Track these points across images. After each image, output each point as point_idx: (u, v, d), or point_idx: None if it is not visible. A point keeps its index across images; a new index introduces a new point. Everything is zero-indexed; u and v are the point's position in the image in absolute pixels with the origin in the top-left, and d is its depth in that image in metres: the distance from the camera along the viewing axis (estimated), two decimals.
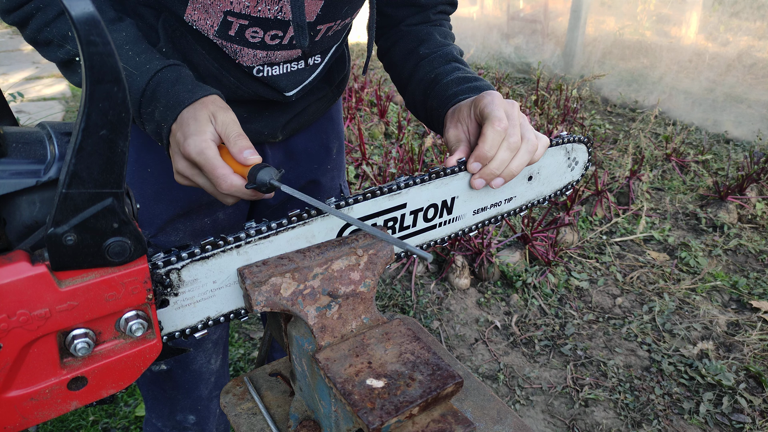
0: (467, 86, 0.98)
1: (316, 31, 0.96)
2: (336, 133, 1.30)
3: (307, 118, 1.18)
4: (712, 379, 2.21)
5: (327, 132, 1.26)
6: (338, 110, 1.31)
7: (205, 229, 1.16)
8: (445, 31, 1.15)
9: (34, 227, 0.51)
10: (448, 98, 0.98)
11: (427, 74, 1.06)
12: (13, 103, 4.64)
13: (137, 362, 0.59)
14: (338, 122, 1.31)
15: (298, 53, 0.99)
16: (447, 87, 1.00)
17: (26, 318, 0.49)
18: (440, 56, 1.07)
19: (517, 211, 1.00)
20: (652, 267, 2.92)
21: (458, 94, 0.97)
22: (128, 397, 2.15)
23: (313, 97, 1.15)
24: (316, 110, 1.19)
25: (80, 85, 0.86)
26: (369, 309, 0.75)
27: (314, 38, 0.97)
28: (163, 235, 1.10)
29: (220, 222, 1.17)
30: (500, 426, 0.85)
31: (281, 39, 0.93)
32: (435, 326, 2.52)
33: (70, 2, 0.40)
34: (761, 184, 3.46)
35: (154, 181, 1.06)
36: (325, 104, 1.21)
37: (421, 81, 1.07)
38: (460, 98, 0.96)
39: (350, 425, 0.66)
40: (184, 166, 0.79)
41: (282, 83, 1.01)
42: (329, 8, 0.93)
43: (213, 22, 0.88)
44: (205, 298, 0.69)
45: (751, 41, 4.31)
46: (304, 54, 1.01)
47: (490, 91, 0.91)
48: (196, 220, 1.13)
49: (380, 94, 4.57)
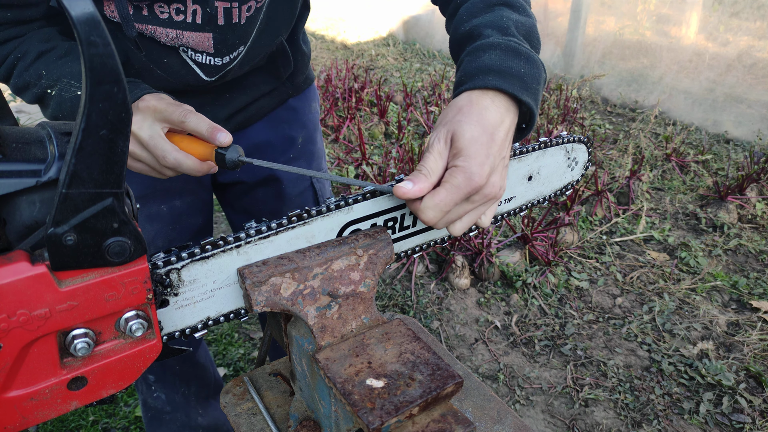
0: (481, 65, 0.76)
1: (214, 8, 0.93)
2: (301, 122, 1.30)
3: (255, 113, 1.20)
4: (712, 379, 2.21)
5: (289, 122, 1.27)
6: (304, 102, 1.31)
7: (162, 215, 1.19)
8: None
9: (34, 227, 0.51)
10: (454, 90, 0.81)
11: (462, 26, 0.85)
12: (13, 103, 4.63)
13: (137, 362, 0.59)
14: (305, 113, 1.31)
15: (209, 38, 0.97)
16: (463, 60, 0.81)
17: (26, 318, 0.49)
18: (481, 2, 0.86)
19: (517, 211, 1.00)
20: (652, 267, 2.92)
21: (464, 80, 0.77)
22: (128, 397, 2.15)
23: (257, 92, 1.16)
24: (265, 105, 1.21)
25: (53, 119, 0.90)
26: (369, 309, 0.75)
27: (214, 16, 0.94)
28: None
29: (176, 209, 1.20)
30: (500, 426, 0.85)
31: (184, 15, 0.93)
32: (435, 326, 2.52)
33: (71, 3, 0.40)
34: (761, 184, 3.46)
35: None
36: (276, 99, 1.23)
37: (455, 35, 0.87)
38: (461, 89, 0.77)
39: (350, 425, 0.66)
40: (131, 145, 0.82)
41: (203, 68, 1.02)
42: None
43: (126, 8, 0.91)
44: (205, 298, 0.69)
45: (751, 41, 4.31)
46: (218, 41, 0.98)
47: (470, 101, 0.73)
48: (152, 205, 1.17)
49: (380, 94, 4.57)
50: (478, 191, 0.70)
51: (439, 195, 0.69)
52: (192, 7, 0.93)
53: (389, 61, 6.56)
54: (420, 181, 0.69)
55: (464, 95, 0.75)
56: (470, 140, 0.70)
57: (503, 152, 0.73)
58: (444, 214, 0.70)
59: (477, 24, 0.82)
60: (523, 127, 0.81)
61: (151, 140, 0.82)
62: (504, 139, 0.73)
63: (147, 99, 0.83)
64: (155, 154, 0.83)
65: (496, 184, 0.72)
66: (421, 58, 6.78)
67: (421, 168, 0.71)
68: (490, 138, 0.71)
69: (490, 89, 0.74)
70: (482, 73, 0.75)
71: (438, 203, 0.69)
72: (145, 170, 0.88)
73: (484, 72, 0.75)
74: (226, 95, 1.11)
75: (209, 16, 0.94)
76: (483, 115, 0.72)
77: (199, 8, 0.93)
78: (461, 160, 0.69)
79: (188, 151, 0.84)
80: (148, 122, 0.82)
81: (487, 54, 0.77)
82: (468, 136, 0.70)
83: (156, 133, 0.83)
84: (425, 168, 0.70)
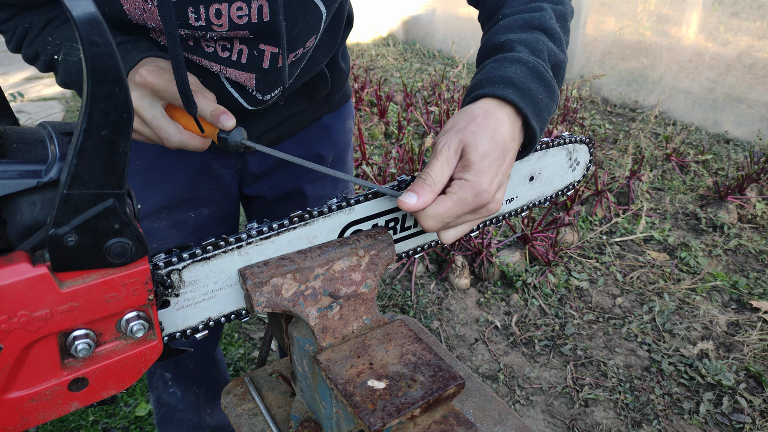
0: (504, 75, 0.74)
1: (260, 51, 0.92)
2: (332, 142, 1.27)
3: (287, 130, 1.18)
4: (712, 379, 2.21)
5: (320, 140, 1.24)
6: (339, 119, 1.27)
7: (188, 222, 1.18)
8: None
9: (35, 228, 0.50)
10: (469, 92, 0.78)
11: (496, 37, 0.83)
12: (14, 103, 4.63)
13: (138, 363, 0.59)
14: (338, 131, 1.28)
15: (252, 78, 0.96)
16: (487, 65, 0.79)
17: (27, 319, 0.49)
18: (522, 21, 0.83)
19: (518, 212, 1.00)
20: (652, 267, 2.92)
21: (483, 84, 0.75)
22: (128, 398, 2.14)
23: (290, 111, 1.14)
24: (297, 123, 1.18)
25: (64, 86, 0.90)
26: (370, 310, 0.75)
27: (259, 59, 0.93)
28: (148, 221, 1.15)
29: (203, 218, 1.20)
30: (501, 427, 0.85)
31: (230, 52, 0.92)
32: (435, 326, 2.52)
33: (72, 3, 0.39)
34: (761, 184, 3.46)
35: (142, 173, 1.11)
36: (309, 117, 1.20)
37: (487, 44, 0.85)
38: (479, 93, 0.75)
39: (351, 426, 0.66)
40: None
41: (245, 97, 1.00)
42: (261, 33, 0.88)
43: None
44: (206, 298, 0.69)
45: (751, 41, 4.31)
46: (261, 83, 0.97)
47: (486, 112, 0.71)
48: (180, 213, 1.16)
49: (380, 94, 4.57)
50: (483, 207, 0.70)
51: (444, 205, 0.68)
52: (238, 47, 0.91)
53: (389, 61, 6.56)
54: (424, 192, 0.67)
55: (481, 103, 0.73)
56: (483, 155, 0.68)
57: (509, 171, 0.73)
58: (444, 224, 0.70)
59: (512, 38, 0.80)
60: (520, 150, 0.80)
61: (154, 120, 0.79)
62: (512, 157, 0.73)
63: (144, 74, 0.77)
64: (159, 134, 0.80)
65: (500, 201, 0.72)
66: (421, 58, 6.78)
67: (426, 177, 0.68)
68: (502, 155, 0.70)
69: (508, 103, 0.73)
70: (504, 83, 0.73)
71: (441, 213, 0.68)
72: (148, 141, 0.85)
73: (506, 83, 0.73)
74: (259, 112, 1.09)
75: (254, 58, 0.92)
76: (498, 129, 0.70)
77: (246, 49, 0.91)
78: (472, 174, 0.68)
79: (191, 127, 0.81)
80: (147, 100, 0.79)
81: (514, 67, 0.75)
82: (482, 150, 0.68)
83: (157, 111, 0.79)
84: (430, 177, 0.68)
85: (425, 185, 0.68)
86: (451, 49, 6.58)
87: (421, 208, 0.68)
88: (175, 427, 1.53)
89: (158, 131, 0.80)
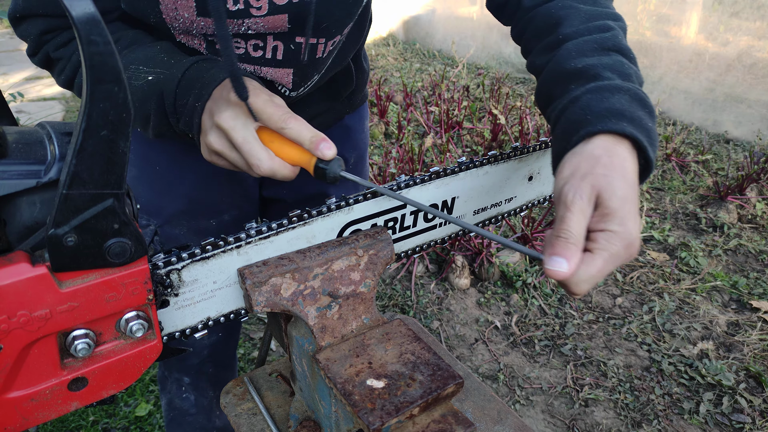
0: (611, 107, 0.67)
1: (297, 44, 0.89)
2: (353, 142, 1.26)
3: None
4: (712, 379, 2.21)
5: (342, 142, 1.23)
6: (359, 120, 1.27)
7: (209, 229, 1.17)
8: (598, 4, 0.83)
9: (34, 228, 0.50)
10: (574, 129, 0.68)
11: (570, 62, 0.75)
12: (13, 103, 4.63)
13: (137, 363, 0.59)
14: (358, 132, 1.27)
15: (289, 74, 0.94)
16: (581, 98, 0.71)
17: (27, 319, 0.49)
18: (594, 43, 0.75)
19: (518, 211, 1.00)
20: (652, 267, 2.92)
21: (591, 120, 0.67)
22: (128, 398, 2.14)
23: (314, 110, 1.13)
24: (321, 123, 1.17)
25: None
26: (369, 309, 0.75)
27: (297, 53, 0.90)
28: (169, 226, 1.13)
29: (224, 223, 1.18)
30: (501, 426, 0.85)
31: (263, 51, 0.90)
32: (435, 326, 2.52)
33: (71, 2, 0.40)
34: (761, 184, 3.46)
35: (160, 178, 1.09)
36: (333, 117, 1.19)
37: (558, 69, 0.76)
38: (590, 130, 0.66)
39: (351, 426, 0.66)
40: (217, 139, 0.73)
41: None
42: (298, 19, 0.85)
43: (200, 41, 0.89)
44: (206, 298, 0.69)
45: (751, 41, 4.31)
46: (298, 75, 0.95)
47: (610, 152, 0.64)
48: (200, 219, 1.15)
49: (380, 94, 4.57)
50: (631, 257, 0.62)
51: (596, 265, 0.59)
52: (272, 44, 0.87)
53: (389, 61, 6.56)
54: (572, 254, 0.58)
55: (598, 142, 0.66)
56: (623, 200, 0.60)
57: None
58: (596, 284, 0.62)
59: (593, 64, 0.73)
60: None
61: (246, 144, 0.71)
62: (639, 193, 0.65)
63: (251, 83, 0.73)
64: (248, 160, 0.72)
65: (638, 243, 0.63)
66: (421, 58, 6.78)
67: (567, 235, 0.59)
68: (635, 195, 0.62)
69: (626, 137, 0.66)
70: (614, 117, 0.66)
71: (595, 275, 0.59)
72: (230, 167, 0.78)
73: (617, 116, 0.66)
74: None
75: (292, 53, 0.89)
76: (625, 167, 0.64)
77: (281, 45, 0.88)
78: (617, 224, 0.60)
79: (282, 154, 0.73)
80: (241, 120, 0.72)
81: (616, 97, 0.68)
82: (620, 195, 0.60)
83: (250, 134, 0.72)
84: (572, 235, 0.59)
85: (569, 245, 0.59)
86: (451, 49, 6.58)
87: (574, 272, 0.59)
88: (184, 429, 1.53)
89: (248, 156, 0.71)
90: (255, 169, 0.72)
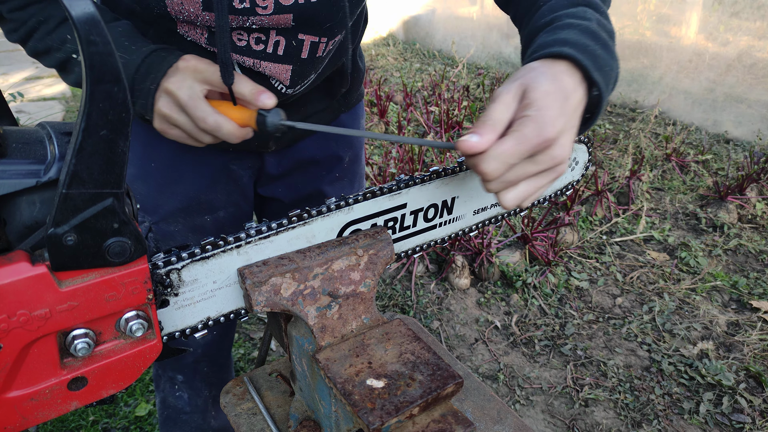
0: (557, 38, 0.72)
1: (300, 41, 0.92)
2: (349, 142, 1.27)
3: (306, 130, 1.17)
4: (712, 379, 2.21)
5: (338, 141, 1.24)
6: (354, 119, 1.28)
7: (205, 226, 1.18)
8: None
9: (34, 227, 0.51)
10: (528, 54, 0.75)
11: (542, 19, 0.81)
12: (13, 103, 4.63)
13: (137, 362, 0.59)
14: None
15: (288, 70, 0.96)
16: (537, 38, 0.76)
17: (26, 318, 0.49)
18: (565, 1, 0.81)
19: (517, 211, 1.00)
20: (652, 267, 2.92)
21: (536, 50, 0.73)
22: (128, 397, 2.14)
23: (310, 109, 1.14)
24: (316, 122, 1.17)
25: (76, 85, 0.88)
26: (369, 309, 0.75)
27: (298, 49, 0.93)
28: (165, 224, 1.14)
29: (220, 220, 1.19)
30: (500, 426, 0.85)
31: (265, 45, 0.91)
32: (435, 326, 2.52)
33: (71, 2, 0.40)
34: (761, 184, 3.46)
35: (158, 175, 1.10)
36: (328, 115, 1.20)
37: (533, 27, 0.82)
38: (533, 57, 0.72)
39: (350, 425, 0.66)
40: (165, 103, 0.79)
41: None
42: (303, 18, 0.88)
43: (202, 32, 0.90)
44: (206, 298, 0.69)
45: (751, 41, 4.31)
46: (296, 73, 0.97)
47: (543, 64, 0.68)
48: (197, 216, 1.16)
49: (380, 94, 4.57)
50: (547, 147, 0.63)
51: (506, 144, 0.62)
52: (275, 38, 0.89)
53: (389, 61, 6.57)
54: (486, 132, 0.62)
55: (537, 61, 0.69)
56: (545, 93, 0.63)
57: (574, 119, 0.67)
58: (507, 168, 0.64)
59: (558, 14, 0.77)
60: (587, 117, 0.74)
61: (191, 101, 0.78)
62: (576, 106, 0.67)
63: (188, 58, 0.80)
64: (194, 115, 0.78)
65: (566, 148, 0.65)
66: (421, 58, 6.78)
67: (486, 119, 0.63)
68: (565, 98, 0.65)
69: (564, 58, 0.68)
70: (558, 44, 0.70)
71: (503, 152, 0.62)
72: (180, 137, 0.83)
73: (560, 44, 0.69)
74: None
75: (293, 49, 0.91)
76: (558, 77, 0.66)
77: (283, 40, 0.90)
78: (533, 110, 0.62)
79: (228, 115, 0.80)
80: (188, 82, 0.78)
81: (566, 31, 0.72)
82: (543, 89, 0.63)
83: (195, 93, 0.78)
84: (491, 118, 0.63)
85: (485, 125, 0.63)
86: (451, 49, 6.58)
87: (485, 148, 0.62)
88: (179, 429, 1.53)
89: (194, 111, 0.78)
90: (200, 123, 0.78)
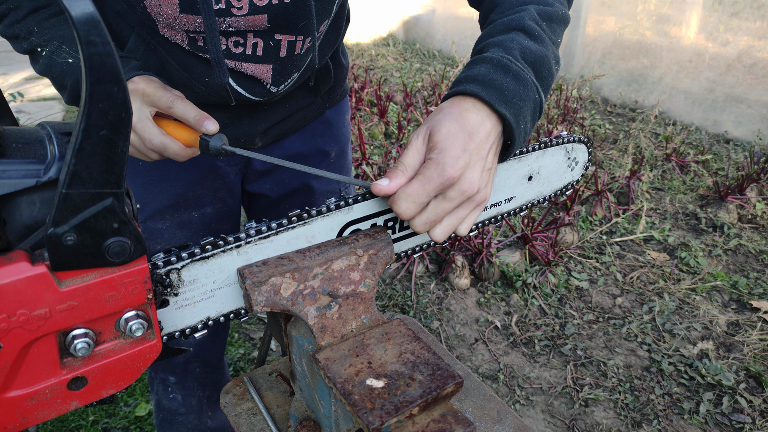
0: (468, 75, 0.76)
1: (276, 41, 0.95)
2: (335, 137, 1.29)
3: (291, 126, 1.19)
4: (712, 379, 2.21)
5: (324, 136, 1.26)
6: (339, 114, 1.30)
7: (193, 222, 1.19)
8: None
9: (34, 227, 0.51)
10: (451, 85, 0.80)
11: (479, 44, 0.85)
12: (13, 103, 4.63)
13: (137, 362, 0.59)
14: (339, 126, 1.30)
15: (269, 70, 0.98)
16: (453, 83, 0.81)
17: (26, 318, 0.49)
18: (502, 24, 0.84)
19: (517, 211, 1.00)
20: (652, 267, 2.92)
21: (451, 87, 0.79)
22: (128, 397, 2.15)
23: (294, 106, 1.15)
24: (302, 118, 1.20)
25: (42, 74, 0.92)
26: (369, 309, 0.75)
27: (276, 49, 0.96)
28: (152, 222, 1.16)
29: (208, 216, 1.20)
30: (500, 426, 0.85)
31: (243, 47, 0.94)
32: (435, 326, 2.52)
33: (71, 2, 0.40)
34: (761, 184, 3.46)
35: (145, 174, 1.12)
36: (313, 112, 1.22)
37: (473, 52, 0.86)
38: (447, 94, 0.78)
39: (350, 425, 0.66)
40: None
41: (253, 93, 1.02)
42: (277, 19, 0.91)
43: (182, 37, 0.92)
44: (205, 298, 0.69)
45: (751, 41, 4.31)
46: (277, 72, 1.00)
47: (452, 103, 0.74)
48: (184, 213, 1.17)
49: (380, 94, 4.57)
50: (452, 185, 0.70)
51: (412, 186, 0.69)
52: (252, 41, 0.93)
53: (389, 61, 6.56)
54: (397, 176, 0.71)
55: (448, 100, 0.76)
56: (446, 135, 0.70)
57: (482, 152, 0.72)
58: (419, 207, 0.70)
59: (489, 42, 0.82)
60: (508, 144, 0.79)
61: (139, 122, 0.83)
62: (484, 140, 0.73)
63: (136, 81, 0.84)
64: (142, 136, 0.84)
65: (474, 182, 0.71)
66: (421, 58, 6.78)
67: (398, 164, 0.72)
68: (468, 136, 0.71)
69: (469, 95, 0.75)
70: (467, 81, 0.76)
71: (410, 194, 0.69)
72: (133, 152, 0.89)
73: (469, 81, 0.76)
74: (264, 108, 1.11)
75: (271, 49, 0.95)
76: (463, 115, 0.73)
77: (261, 41, 0.93)
78: (435, 153, 0.70)
79: (174, 135, 0.86)
80: (136, 104, 0.84)
81: (478, 66, 0.77)
82: (444, 131, 0.71)
83: (144, 115, 0.84)
84: (402, 164, 0.71)
85: (396, 171, 0.71)
86: (451, 49, 6.58)
87: (394, 191, 0.70)
88: (176, 430, 1.53)
89: (141, 132, 0.83)
90: (147, 143, 0.84)
